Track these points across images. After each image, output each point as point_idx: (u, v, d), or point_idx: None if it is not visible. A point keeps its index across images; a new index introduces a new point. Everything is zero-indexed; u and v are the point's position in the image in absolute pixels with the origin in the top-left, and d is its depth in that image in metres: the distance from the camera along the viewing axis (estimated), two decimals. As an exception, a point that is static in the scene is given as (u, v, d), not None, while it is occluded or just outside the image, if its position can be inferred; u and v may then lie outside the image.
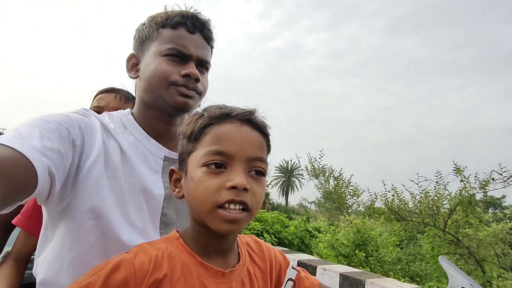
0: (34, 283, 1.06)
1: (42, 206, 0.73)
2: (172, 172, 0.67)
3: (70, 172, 0.67)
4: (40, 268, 0.71)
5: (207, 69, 0.88)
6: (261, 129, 0.62)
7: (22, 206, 1.01)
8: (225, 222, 0.55)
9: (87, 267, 0.66)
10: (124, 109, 0.94)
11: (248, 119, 0.60)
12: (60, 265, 0.68)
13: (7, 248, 1.02)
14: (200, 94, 0.85)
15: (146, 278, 0.53)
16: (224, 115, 0.60)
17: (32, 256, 1.00)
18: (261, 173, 0.60)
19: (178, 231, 0.65)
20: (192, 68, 0.81)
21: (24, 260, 0.98)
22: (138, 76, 0.86)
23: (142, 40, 0.86)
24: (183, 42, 0.81)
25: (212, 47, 0.90)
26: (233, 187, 0.54)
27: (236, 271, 0.62)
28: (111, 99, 1.30)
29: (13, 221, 0.96)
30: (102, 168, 0.71)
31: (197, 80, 0.82)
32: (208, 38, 0.87)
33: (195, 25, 0.83)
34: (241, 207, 0.55)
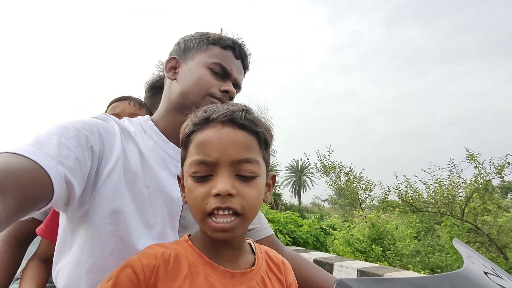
0: None
1: (60, 213, 0.74)
2: (178, 178, 0.67)
3: (89, 178, 0.68)
4: (61, 275, 0.71)
5: (237, 93, 0.95)
6: (247, 127, 0.58)
7: (35, 219, 1.03)
8: (216, 231, 0.55)
9: (106, 273, 0.66)
10: (139, 114, 0.97)
11: (230, 119, 0.57)
12: (79, 271, 0.68)
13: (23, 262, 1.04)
14: None
15: (154, 272, 0.55)
16: (204, 120, 0.59)
17: None
18: (250, 177, 0.57)
19: (189, 235, 0.65)
20: (231, 86, 0.87)
21: (49, 260, 1.01)
22: (175, 79, 0.89)
23: (188, 48, 0.91)
24: (228, 62, 0.88)
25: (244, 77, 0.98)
26: (218, 194, 0.54)
27: (247, 275, 0.60)
28: (126, 105, 1.34)
29: (36, 230, 1.00)
30: (121, 173, 0.72)
31: (232, 98, 0.88)
32: (245, 67, 0.96)
33: (240, 53, 0.92)
34: (230, 212, 0.54)
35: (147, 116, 0.91)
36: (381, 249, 6.78)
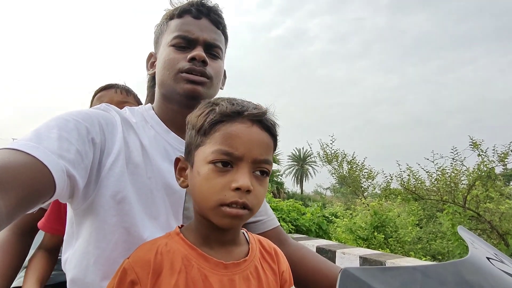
0: (61, 282, 1.11)
1: (67, 204, 0.74)
2: (177, 160, 0.66)
3: (92, 170, 0.67)
4: (69, 265, 0.72)
5: (218, 54, 0.86)
6: (270, 130, 0.61)
7: (43, 208, 1.05)
8: (228, 217, 0.56)
9: (112, 264, 0.67)
10: (127, 102, 0.94)
11: (259, 120, 0.60)
12: (86, 262, 0.69)
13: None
14: (211, 79, 0.82)
15: (149, 279, 0.56)
16: (235, 113, 0.59)
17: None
18: (266, 174, 0.61)
19: (180, 226, 0.66)
20: (198, 51, 0.79)
21: (54, 249, 1.06)
22: (155, 72, 0.88)
23: (157, 37, 0.89)
24: (187, 27, 0.81)
25: (224, 32, 0.88)
26: (237, 188, 0.55)
27: (241, 265, 0.61)
28: (113, 94, 1.29)
29: (38, 224, 1.02)
30: (124, 165, 0.71)
31: (204, 62, 0.80)
32: (216, 22, 0.85)
33: (200, 11, 0.83)
34: (243, 207, 0.57)
35: (149, 105, 0.89)
36: (383, 236, 6.84)
